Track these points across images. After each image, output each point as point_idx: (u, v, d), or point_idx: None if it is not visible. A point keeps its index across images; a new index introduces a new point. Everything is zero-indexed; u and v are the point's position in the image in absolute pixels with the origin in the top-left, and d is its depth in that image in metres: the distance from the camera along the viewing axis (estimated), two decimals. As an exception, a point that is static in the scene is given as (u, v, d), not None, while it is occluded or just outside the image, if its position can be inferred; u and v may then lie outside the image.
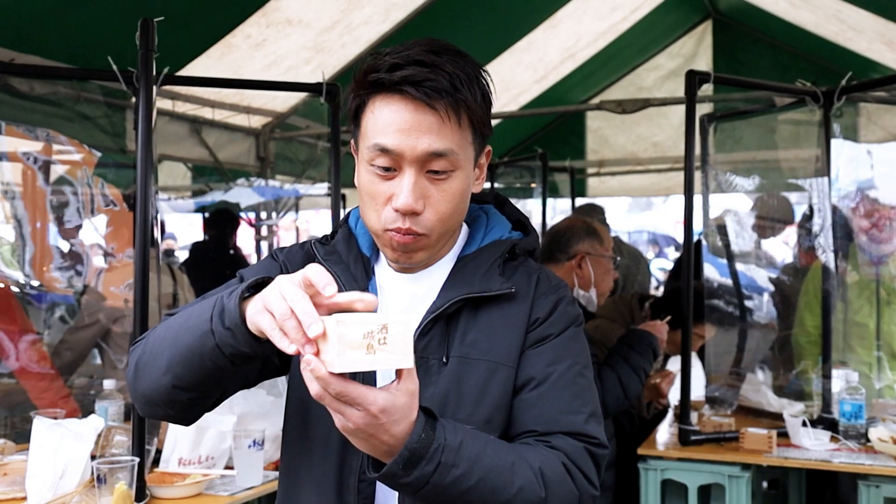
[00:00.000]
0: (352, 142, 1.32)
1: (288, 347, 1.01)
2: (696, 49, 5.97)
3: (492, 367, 1.27)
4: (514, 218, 1.44)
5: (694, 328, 3.17)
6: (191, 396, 1.19)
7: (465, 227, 1.40)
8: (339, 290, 1.10)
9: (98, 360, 3.66)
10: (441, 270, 1.34)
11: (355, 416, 1.03)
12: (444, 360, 1.26)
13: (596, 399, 1.34)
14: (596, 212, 5.27)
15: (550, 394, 1.27)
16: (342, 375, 1.00)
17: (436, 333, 1.26)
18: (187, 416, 1.27)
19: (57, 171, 3.24)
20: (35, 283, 3.36)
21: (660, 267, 12.76)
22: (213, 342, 1.10)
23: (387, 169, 1.22)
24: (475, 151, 1.29)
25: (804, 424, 3.06)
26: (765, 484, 3.72)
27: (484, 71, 1.29)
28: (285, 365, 1.37)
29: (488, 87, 1.29)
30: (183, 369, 1.15)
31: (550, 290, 1.35)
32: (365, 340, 0.98)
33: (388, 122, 1.21)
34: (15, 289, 3.22)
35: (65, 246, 3.36)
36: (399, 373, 1.05)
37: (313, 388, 1.02)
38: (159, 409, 1.24)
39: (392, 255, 1.29)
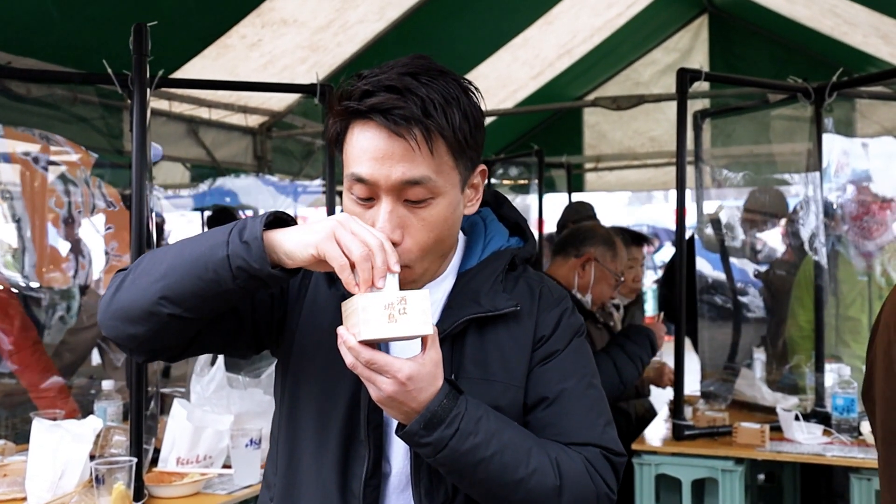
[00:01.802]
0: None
1: (353, 286, 1.11)
2: (692, 44, 5.98)
3: (502, 388, 1.29)
4: (511, 221, 1.42)
5: (653, 324, 3.21)
6: (172, 312, 1.16)
7: (462, 237, 1.39)
8: (343, 291, 1.18)
9: (98, 361, 3.68)
10: (442, 287, 1.33)
11: (385, 383, 1.12)
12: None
13: (608, 407, 1.36)
14: (584, 208, 5.28)
15: (564, 410, 1.30)
16: (370, 345, 1.11)
17: (444, 353, 1.23)
18: (152, 344, 1.23)
19: (55, 170, 3.27)
20: (34, 283, 3.39)
21: (661, 261, 12.79)
22: (224, 252, 1.13)
23: (365, 199, 1.22)
24: (461, 174, 1.25)
25: (797, 418, 3.08)
26: (762, 477, 3.75)
27: (469, 88, 1.25)
28: (258, 345, 1.37)
29: (474, 105, 1.24)
30: (180, 277, 1.15)
31: (553, 303, 1.36)
32: (386, 311, 1.09)
33: (363, 150, 1.19)
34: (14, 290, 3.24)
35: (64, 246, 3.38)
36: (424, 344, 1.15)
37: (348, 358, 1.12)
38: (128, 327, 1.20)
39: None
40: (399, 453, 1.30)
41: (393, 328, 1.09)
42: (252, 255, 1.12)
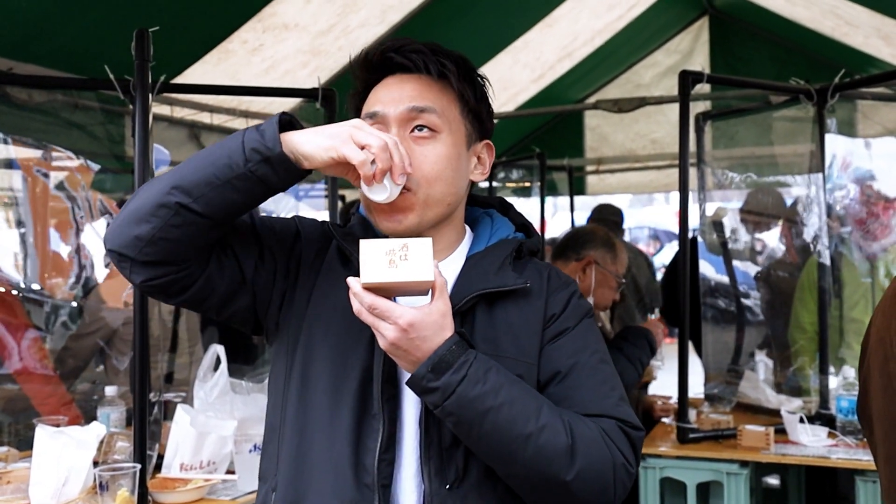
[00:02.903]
0: None
1: (371, 179, 1.18)
2: (692, 45, 5.97)
3: (513, 365, 1.28)
4: (518, 222, 1.47)
5: (650, 324, 3.16)
6: (181, 201, 1.17)
7: (468, 231, 1.43)
8: (357, 269, 1.22)
9: (100, 367, 3.68)
10: (451, 266, 1.35)
11: (388, 330, 1.14)
12: None
13: (621, 385, 1.36)
14: (609, 212, 5.26)
15: (577, 383, 1.30)
16: (373, 291, 1.14)
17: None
18: (155, 249, 1.20)
19: (56, 178, 3.27)
20: (36, 287, 3.39)
21: (662, 263, 12.79)
22: (238, 140, 1.19)
23: None
24: (466, 129, 1.36)
25: (801, 421, 3.08)
26: (774, 480, 3.73)
27: (479, 74, 1.39)
28: (257, 318, 1.35)
29: (479, 81, 1.38)
30: (193, 169, 1.20)
31: (562, 285, 1.39)
32: (387, 257, 1.13)
33: (378, 96, 1.34)
34: (16, 292, 3.24)
35: (66, 252, 3.38)
36: (431, 295, 1.17)
37: (354, 305, 1.16)
38: (134, 228, 1.19)
39: (384, 222, 1.30)
40: (410, 430, 1.28)
41: (393, 273, 1.12)
42: (266, 138, 1.18)
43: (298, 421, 1.31)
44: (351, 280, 1.16)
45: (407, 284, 1.14)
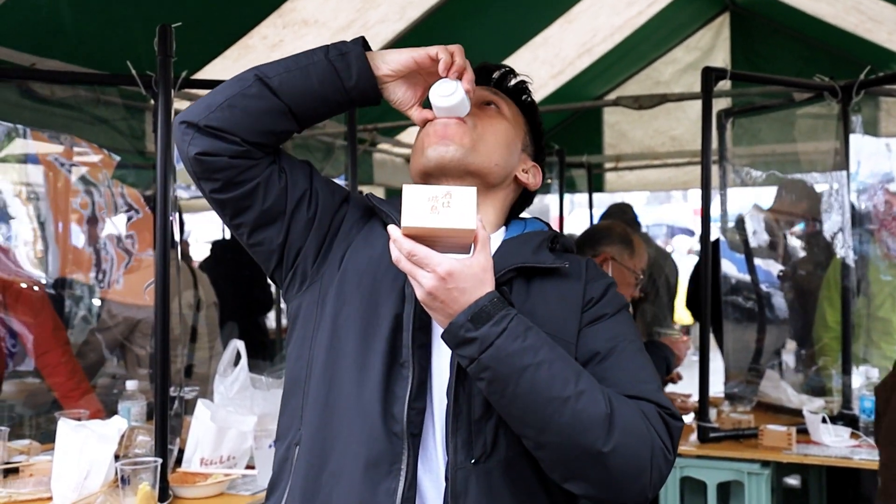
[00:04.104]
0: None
1: (447, 70, 1.31)
2: (713, 42, 5.92)
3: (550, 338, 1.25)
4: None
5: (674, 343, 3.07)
6: (261, 75, 1.28)
7: (503, 227, 1.45)
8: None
9: (121, 361, 3.70)
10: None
11: (425, 278, 1.11)
12: None
13: (658, 376, 1.33)
14: (622, 211, 5.23)
15: (617, 365, 1.27)
16: (413, 239, 1.12)
17: None
18: (230, 113, 1.27)
19: (78, 172, 3.29)
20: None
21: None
22: (323, 49, 1.30)
23: None
24: (523, 139, 1.47)
25: (824, 421, 3.05)
26: (794, 480, 3.69)
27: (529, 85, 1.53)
28: (282, 256, 1.36)
29: (531, 98, 1.53)
30: (275, 65, 1.29)
31: (599, 276, 1.39)
32: (430, 203, 1.09)
33: None
34: (44, 288, 3.27)
35: (87, 246, 3.40)
36: (473, 249, 1.14)
37: (393, 252, 1.14)
38: (213, 111, 1.26)
39: (432, 146, 1.35)
40: (440, 389, 1.24)
41: (434, 218, 1.09)
42: (347, 44, 1.30)
43: (327, 371, 1.29)
44: (391, 228, 1.14)
45: (448, 232, 1.11)
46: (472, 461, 1.21)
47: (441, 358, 1.26)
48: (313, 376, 1.31)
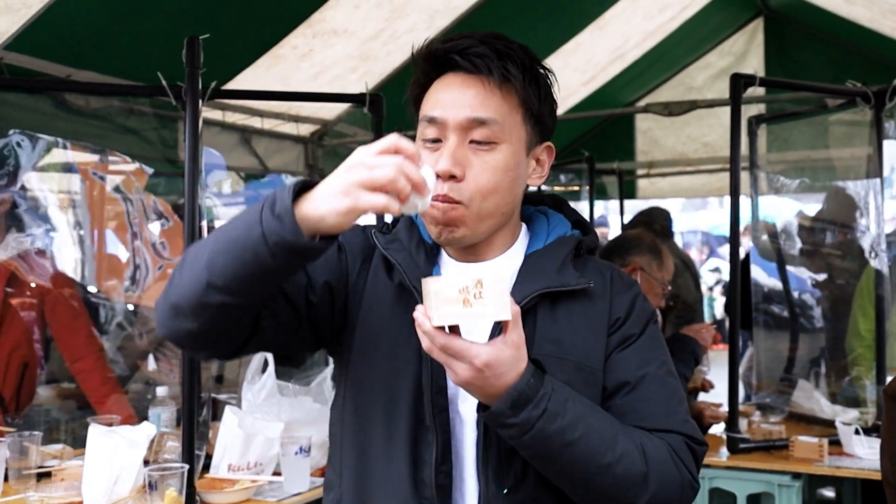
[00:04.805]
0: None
1: (397, 208, 1.05)
2: (747, 47, 5.87)
3: (577, 368, 1.26)
4: (573, 218, 1.43)
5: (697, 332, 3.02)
6: (221, 300, 1.12)
7: (524, 227, 1.40)
8: (402, 280, 1.25)
9: (153, 367, 3.75)
10: (509, 263, 1.33)
11: (461, 369, 1.09)
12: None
13: (685, 396, 1.36)
14: (654, 216, 5.18)
15: (645, 396, 1.27)
16: (446, 330, 1.08)
17: None
18: (209, 337, 1.19)
19: (112, 181, 3.35)
20: (93, 289, 3.47)
21: (712, 268, 12.61)
22: (258, 231, 1.07)
23: (434, 141, 1.26)
24: (527, 135, 1.30)
25: (857, 432, 2.99)
26: (829, 492, 3.63)
27: (543, 64, 1.31)
28: (317, 340, 1.34)
29: (545, 78, 1.31)
30: (223, 264, 1.10)
31: (625, 287, 1.35)
32: (461, 295, 1.04)
33: (438, 96, 1.28)
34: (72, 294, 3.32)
35: (123, 254, 3.46)
36: (505, 327, 1.10)
37: (424, 342, 1.09)
38: (183, 322, 1.17)
39: (434, 230, 1.27)
40: (468, 437, 1.26)
41: (467, 312, 1.05)
42: (286, 228, 1.05)
43: (358, 438, 1.32)
44: (419, 316, 1.08)
45: (482, 320, 1.08)
46: (504, 491, 1.24)
47: (465, 396, 1.25)
48: (346, 441, 1.34)
